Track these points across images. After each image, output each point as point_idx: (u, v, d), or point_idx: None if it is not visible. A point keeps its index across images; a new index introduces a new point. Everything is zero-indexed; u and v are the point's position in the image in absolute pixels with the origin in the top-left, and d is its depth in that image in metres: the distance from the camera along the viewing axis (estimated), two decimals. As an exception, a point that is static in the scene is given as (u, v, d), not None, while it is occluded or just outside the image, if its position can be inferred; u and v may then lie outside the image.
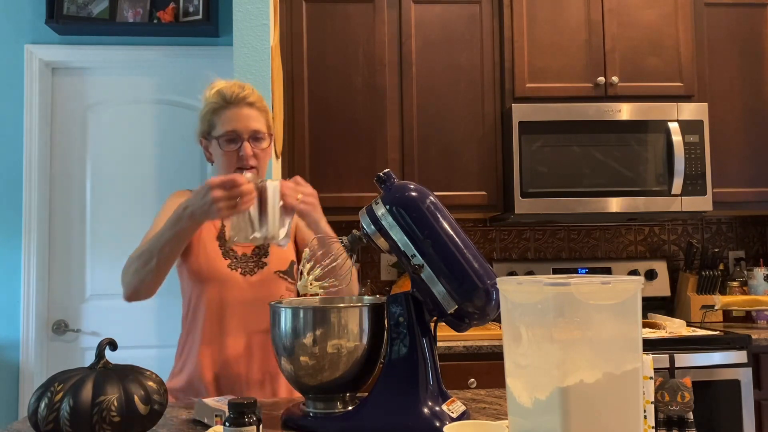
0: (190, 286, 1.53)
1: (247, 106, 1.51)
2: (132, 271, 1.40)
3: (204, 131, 1.54)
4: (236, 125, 1.49)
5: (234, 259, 1.53)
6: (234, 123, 1.49)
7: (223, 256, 1.52)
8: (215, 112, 1.51)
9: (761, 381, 2.37)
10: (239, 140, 1.49)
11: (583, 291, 0.76)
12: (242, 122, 1.49)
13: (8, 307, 2.79)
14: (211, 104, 1.51)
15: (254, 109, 1.52)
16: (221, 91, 1.51)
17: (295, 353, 1.11)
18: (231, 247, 1.53)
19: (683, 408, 1.69)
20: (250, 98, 1.52)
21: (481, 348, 2.30)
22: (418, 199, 1.13)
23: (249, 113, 1.50)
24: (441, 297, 1.09)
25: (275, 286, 1.54)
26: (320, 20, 2.69)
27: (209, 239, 1.54)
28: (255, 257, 1.55)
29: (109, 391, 1.01)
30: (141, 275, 1.39)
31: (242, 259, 1.54)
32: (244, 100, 1.51)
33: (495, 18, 2.74)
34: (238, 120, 1.49)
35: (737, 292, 2.88)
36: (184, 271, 1.54)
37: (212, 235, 1.55)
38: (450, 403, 1.12)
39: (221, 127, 1.49)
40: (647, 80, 2.72)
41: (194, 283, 1.51)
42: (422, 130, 2.70)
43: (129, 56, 2.91)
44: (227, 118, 1.49)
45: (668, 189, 2.60)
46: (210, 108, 1.51)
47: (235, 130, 1.49)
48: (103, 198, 2.89)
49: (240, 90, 1.51)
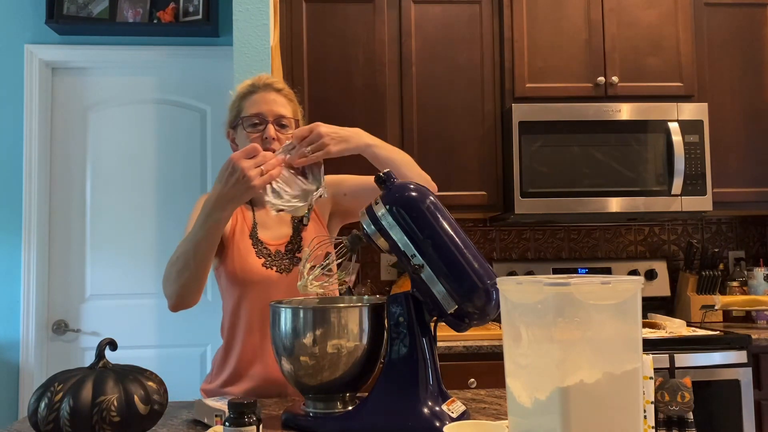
0: (229, 290, 1.50)
1: (275, 92, 1.51)
2: (172, 280, 1.35)
3: (231, 120, 1.54)
4: (262, 108, 1.48)
5: (267, 257, 1.49)
6: (260, 106, 1.49)
7: (257, 255, 1.48)
8: (243, 97, 1.51)
9: (761, 381, 2.37)
10: (264, 123, 1.48)
11: (583, 291, 0.76)
12: (268, 105, 1.49)
13: (8, 307, 2.79)
14: (240, 92, 1.52)
15: (281, 95, 1.52)
16: (251, 81, 1.53)
17: (295, 353, 1.11)
18: (265, 245, 1.49)
19: (683, 408, 1.69)
20: (279, 85, 1.53)
21: (481, 348, 2.30)
22: (418, 199, 1.13)
23: (275, 98, 1.51)
24: (441, 297, 1.09)
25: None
26: (320, 20, 2.69)
27: (241, 238, 1.50)
28: (288, 253, 1.51)
29: (109, 391, 1.01)
30: (182, 281, 1.34)
31: (276, 256, 1.50)
32: (272, 85, 1.52)
33: (495, 18, 2.75)
34: (264, 103, 1.49)
35: (737, 292, 2.88)
36: (221, 275, 1.51)
37: (245, 233, 1.51)
38: (450, 403, 1.12)
39: (247, 110, 1.50)
40: (647, 80, 2.72)
41: (232, 286, 1.48)
42: (422, 130, 2.70)
43: (129, 56, 2.91)
44: (254, 101, 1.50)
45: (668, 189, 2.60)
46: (238, 95, 1.53)
47: (260, 113, 1.48)
48: (103, 198, 2.89)
49: (268, 78, 1.53)
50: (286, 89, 1.55)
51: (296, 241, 1.52)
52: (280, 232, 1.54)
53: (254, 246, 1.49)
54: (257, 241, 1.50)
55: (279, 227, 1.55)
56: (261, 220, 1.55)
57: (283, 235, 1.53)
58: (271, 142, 1.46)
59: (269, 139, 1.46)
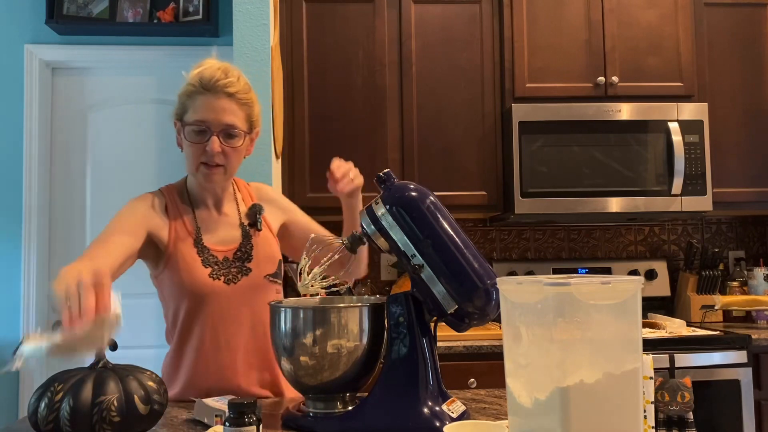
0: (174, 300, 1.40)
1: (226, 97, 1.35)
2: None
3: (177, 113, 1.40)
4: (208, 115, 1.34)
5: (215, 266, 1.39)
6: (206, 112, 1.34)
7: (203, 263, 1.38)
8: (190, 95, 1.36)
9: (761, 381, 2.37)
10: (208, 133, 1.34)
11: (583, 291, 0.76)
12: (215, 113, 1.34)
13: (8, 307, 2.79)
14: (189, 86, 1.36)
15: (233, 101, 1.35)
16: (201, 74, 1.35)
17: (295, 353, 1.11)
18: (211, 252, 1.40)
19: (683, 408, 1.69)
20: (231, 88, 1.35)
21: (481, 348, 2.30)
22: (418, 199, 1.13)
23: (225, 105, 1.34)
24: (441, 297, 1.09)
25: (263, 291, 1.42)
26: (320, 20, 2.69)
27: (184, 245, 1.39)
28: (236, 261, 1.41)
29: (109, 391, 1.01)
30: None
31: (224, 264, 1.40)
32: (223, 88, 1.34)
33: (495, 18, 2.74)
34: (211, 110, 1.34)
35: (737, 292, 2.88)
36: (163, 283, 1.41)
37: (188, 240, 1.40)
38: (450, 403, 1.12)
39: (192, 114, 1.35)
40: (647, 80, 2.72)
41: (178, 297, 1.39)
42: (422, 130, 2.70)
43: (129, 56, 2.91)
44: (200, 105, 1.34)
45: (668, 189, 2.60)
46: (186, 90, 1.37)
47: (205, 121, 1.34)
48: (103, 198, 2.89)
49: (222, 76, 1.35)
50: (241, 92, 1.37)
51: (246, 248, 1.43)
52: (228, 236, 1.44)
53: (200, 254, 1.38)
54: (202, 248, 1.40)
55: (227, 230, 1.45)
56: (204, 223, 1.44)
57: (232, 240, 1.44)
58: (213, 156, 1.35)
59: (211, 153, 1.34)
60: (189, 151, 1.38)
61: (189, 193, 1.48)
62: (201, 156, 1.37)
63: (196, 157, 1.38)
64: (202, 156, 1.37)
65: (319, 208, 2.58)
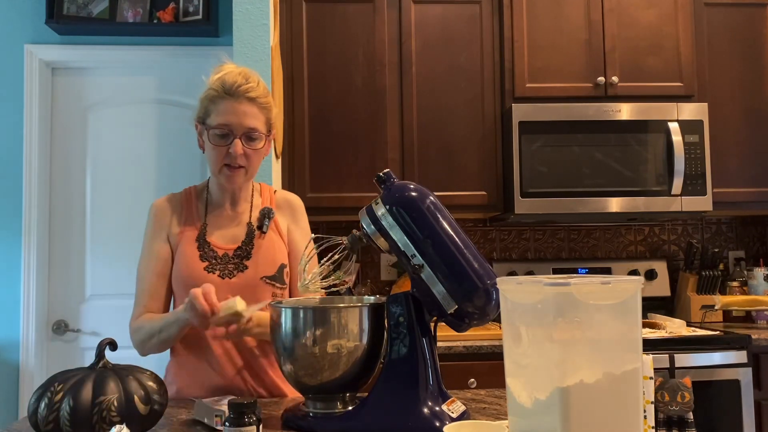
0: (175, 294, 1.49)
1: (247, 101, 1.42)
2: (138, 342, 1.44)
3: (200, 116, 1.46)
4: (230, 119, 1.41)
5: (213, 260, 1.45)
6: (228, 116, 1.41)
7: (201, 258, 1.45)
8: (212, 100, 1.42)
9: (761, 381, 2.37)
10: (231, 136, 1.41)
11: (583, 291, 0.76)
12: (237, 117, 1.41)
13: (8, 307, 2.79)
14: (211, 91, 1.43)
15: (254, 105, 1.43)
16: (223, 79, 1.42)
17: (295, 353, 1.11)
18: (212, 248, 1.46)
19: (683, 408, 1.69)
20: (252, 93, 1.42)
21: (481, 348, 2.30)
22: (418, 199, 1.13)
23: (247, 109, 1.42)
24: (441, 297, 1.09)
25: (260, 292, 1.44)
26: (320, 20, 2.69)
27: (188, 240, 1.47)
28: (235, 258, 1.46)
29: (109, 391, 1.01)
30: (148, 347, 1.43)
31: (222, 259, 1.45)
32: (245, 93, 1.41)
33: (495, 18, 2.74)
34: (233, 114, 1.41)
35: (737, 292, 2.88)
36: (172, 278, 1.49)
37: (192, 237, 1.48)
38: (450, 403, 1.12)
39: (215, 117, 1.42)
40: (647, 80, 2.72)
41: (176, 289, 1.47)
42: (422, 130, 2.69)
43: (129, 56, 2.91)
44: (223, 109, 1.41)
45: (668, 189, 2.60)
46: (208, 94, 1.43)
47: (228, 125, 1.41)
48: (103, 198, 2.89)
49: (243, 81, 1.42)
50: (261, 96, 1.44)
51: (248, 247, 1.47)
52: (233, 234, 1.50)
53: (200, 249, 1.46)
54: (204, 243, 1.46)
55: (233, 229, 1.51)
56: (213, 220, 1.51)
57: (236, 239, 1.49)
58: (236, 158, 1.42)
59: (234, 155, 1.41)
60: (212, 154, 1.45)
61: (210, 193, 1.55)
62: (224, 158, 1.43)
63: (219, 160, 1.44)
64: (225, 158, 1.43)
65: (319, 208, 2.59)
